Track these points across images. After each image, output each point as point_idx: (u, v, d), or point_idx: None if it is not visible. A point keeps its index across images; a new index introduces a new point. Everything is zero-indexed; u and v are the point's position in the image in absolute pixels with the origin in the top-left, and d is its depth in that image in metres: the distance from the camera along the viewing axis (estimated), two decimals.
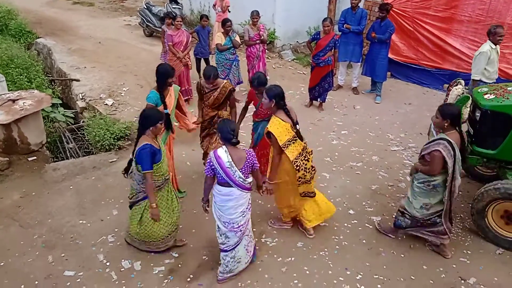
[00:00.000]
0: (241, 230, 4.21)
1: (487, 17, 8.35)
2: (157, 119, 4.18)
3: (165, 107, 4.91)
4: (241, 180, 4.03)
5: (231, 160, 3.97)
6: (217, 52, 8.16)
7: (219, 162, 3.98)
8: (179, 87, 5.56)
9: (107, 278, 4.38)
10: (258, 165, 4.23)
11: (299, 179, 4.64)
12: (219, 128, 4.12)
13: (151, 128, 4.18)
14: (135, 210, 4.48)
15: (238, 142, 4.06)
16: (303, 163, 4.61)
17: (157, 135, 4.35)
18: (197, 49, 9.05)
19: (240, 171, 4.01)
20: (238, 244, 4.25)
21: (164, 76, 4.93)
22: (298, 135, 4.64)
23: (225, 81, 5.60)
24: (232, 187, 4.04)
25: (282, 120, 4.52)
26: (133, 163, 4.29)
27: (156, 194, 4.31)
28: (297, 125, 4.65)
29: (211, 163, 4.01)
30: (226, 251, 4.26)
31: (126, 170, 4.55)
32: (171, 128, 5.08)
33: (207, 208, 4.34)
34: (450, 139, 4.26)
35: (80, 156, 7.22)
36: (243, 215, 4.18)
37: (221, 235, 4.24)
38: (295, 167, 4.56)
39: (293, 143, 4.56)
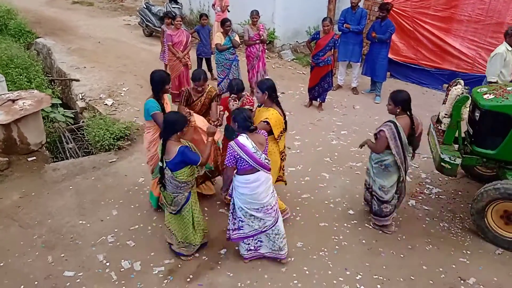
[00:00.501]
0: (274, 210, 4.34)
1: (486, 17, 8.35)
2: (183, 124, 4.16)
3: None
4: (267, 162, 4.19)
5: (254, 145, 4.10)
6: (216, 52, 8.16)
7: (245, 149, 4.05)
8: (170, 95, 5.59)
9: (107, 279, 4.39)
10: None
11: (282, 168, 5.12)
12: (234, 118, 4.17)
13: (178, 133, 4.13)
14: (184, 217, 4.39)
15: (256, 129, 4.22)
16: (285, 153, 5.08)
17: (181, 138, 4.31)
18: (199, 48, 9.04)
19: (264, 153, 4.21)
20: (276, 222, 4.39)
21: (160, 83, 4.78)
22: (285, 128, 4.91)
23: (208, 85, 5.37)
24: (259, 171, 4.14)
25: (279, 113, 4.71)
26: (167, 172, 4.18)
27: (192, 194, 4.41)
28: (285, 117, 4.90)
29: (234, 153, 4.05)
30: (265, 231, 4.36)
31: (162, 183, 4.28)
32: None
33: (227, 197, 4.60)
34: (397, 123, 4.55)
35: (79, 156, 7.21)
36: (273, 195, 4.34)
37: (253, 221, 4.30)
38: (281, 157, 4.94)
39: (282, 135, 4.81)
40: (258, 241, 4.49)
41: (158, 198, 5.14)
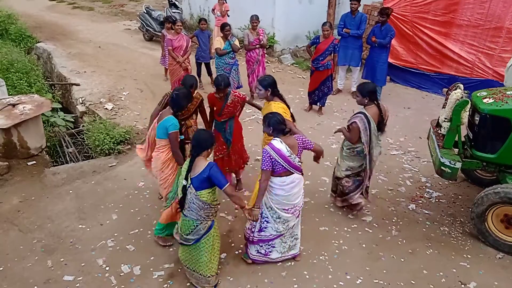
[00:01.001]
0: (299, 211, 4.47)
1: (486, 21, 8.38)
2: (212, 142, 4.04)
3: (181, 133, 4.68)
4: (300, 164, 4.25)
5: (289, 148, 4.13)
6: (216, 57, 8.18)
7: (280, 154, 4.09)
8: None
9: (106, 283, 4.37)
10: (311, 143, 4.39)
11: None
12: (268, 122, 4.20)
13: (208, 150, 4.00)
14: (205, 245, 4.10)
15: (289, 131, 4.29)
16: None
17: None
18: (198, 53, 9.07)
19: (297, 156, 4.25)
20: (297, 223, 4.54)
21: (185, 101, 4.59)
22: (292, 118, 5.00)
23: (195, 91, 5.30)
24: (293, 173, 4.22)
25: (279, 102, 4.94)
26: (190, 191, 3.91)
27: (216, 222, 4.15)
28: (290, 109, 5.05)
29: (270, 157, 4.06)
30: (283, 234, 4.45)
31: (182, 204, 4.02)
32: (185, 154, 4.76)
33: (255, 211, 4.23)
34: (367, 113, 4.89)
35: (79, 160, 7.21)
36: (303, 196, 4.47)
37: (279, 222, 4.34)
38: None
39: None
40: (271, 246, 4.50)
41: (164, 226, 4.77)
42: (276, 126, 4.17)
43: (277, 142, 4.13)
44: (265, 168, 4.08)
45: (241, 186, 5.96)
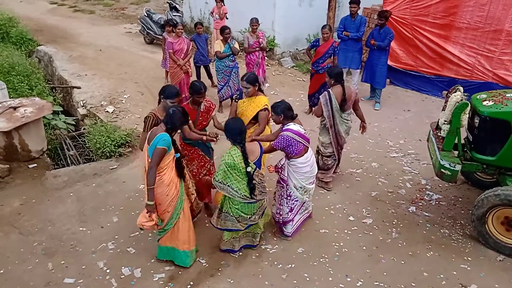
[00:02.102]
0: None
1: (485, 24, 8.39)
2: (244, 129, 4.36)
3: (176, 151, 4.31)
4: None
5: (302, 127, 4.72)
6: (216, 60, 8.20)
7: (299, 134, 4.59)
8: None
9: (107, 285, 4.38)
10: None
11: None
12: (279, 110, 4.65)
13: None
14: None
15: (297, 116, 4.80)
16: None
17: None
18: (196, 56, 9.10)
19: None
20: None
21: (180, 121, 4.24)
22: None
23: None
24: (308, 147, 4.74)
25: (264, 96, 5.42)
26: (256, 173, 4.30)
27: None
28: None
29: (292, 140, 4.53)
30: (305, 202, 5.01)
31: (254, 190, 4.28)
32: (183, 174, 4.47)
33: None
34: (331, 92, 5.60)
35: (80, 163, 7.22)
36: None
37: (307, 195, 4.90)
38: None
39: None
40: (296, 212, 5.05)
41: (167, 248, 4.58)
42: (286, 112, 4.65)
43: (293, 125, 4.63)
44: (276, 147, 4.62)
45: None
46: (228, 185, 4.29)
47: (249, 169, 4.18)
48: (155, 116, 4.54)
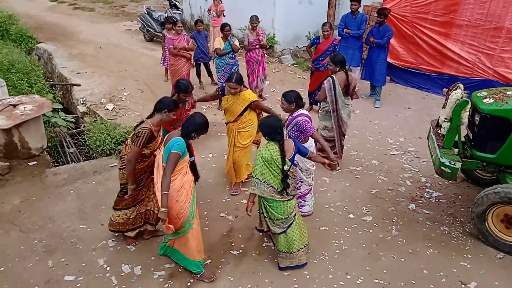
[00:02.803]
0: None
1: (486, 21, 8.38)
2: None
3: (191, 155, 4.26)
4: None
5: None
6: (216, 57, 8.20)
7: (310, 118, 5.01)
8: None
9: (107, 283, 4.38)
10: None
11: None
12: (292, 99, 4.98)
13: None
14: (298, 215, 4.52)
15: (305, 104, 5.19)
16: None
17: None
18: (197, 54, 9.09)
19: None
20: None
21: (201, 128, 4.16)
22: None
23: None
24: None
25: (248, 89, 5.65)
26: (291, 170, 4.23)
27: None
28: None
29: (309, 124, 4.93)
30: (311, 188, 5.29)
31: (288, 186, 4.21)
32: (197, 176, 4.47)
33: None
34: (335, 78, 5.97)
35: (80, 160, 7.22)
36: None
37: (309, 178, 5.17)
38: None
39: None
40: (304, 201, 5.31)
41: (176, 250, 4.52)
42: (298, 100, 5.00)
43: (304, 111, 5.03)
44: (312, 131, 4.95)
45: None
46: (265, 182, 4.18)
47: (285, 167, 4.14)
48: (150, 130, 4.27)
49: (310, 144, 5.09)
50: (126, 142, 4.55)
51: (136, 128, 4.38)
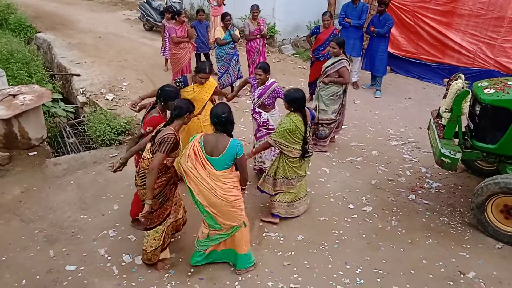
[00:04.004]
0: None
1: (487, 11, 8.32)
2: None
3: None
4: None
5: None
6: (216, 47, 8.15)
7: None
8: None
9: (108, 273, 4.41)
10: None
11: None
12: (269, 68, 5.38)
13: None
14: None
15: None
16: None
17: None
18: (197, 44, 9.02)
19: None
20: None
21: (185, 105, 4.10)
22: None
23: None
24: None
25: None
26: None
27: None
28: None
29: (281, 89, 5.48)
30: None
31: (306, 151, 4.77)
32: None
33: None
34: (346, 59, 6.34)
35: (80, 151, 7.23)
36: None
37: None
38: None
39: None
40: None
41: (224, 251, 4.42)
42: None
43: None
44: (281, 95, 5.23)
45: None
46: (286, 144, 4.68)
47: (308, 133, 4.70)
48: (176, 139, 3.97)
49: (276, 111, 5.59)
50: (143, 157, 4.14)
51: (155, 137, 3.98)
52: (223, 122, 3.95)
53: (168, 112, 4.48)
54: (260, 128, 5.64)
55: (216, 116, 3.95)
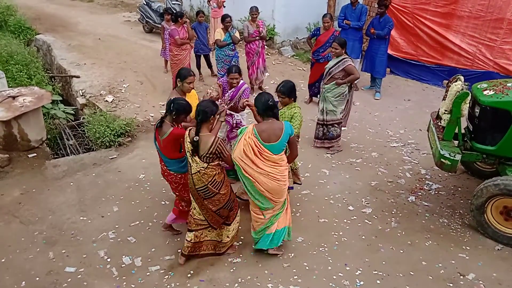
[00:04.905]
0: None
1: (487, 13, 8.33)
2: None
3: None
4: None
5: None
6: (216, 48, 8.16)
7: None
8: None
9: (107, 274, 4.41)
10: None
11: None
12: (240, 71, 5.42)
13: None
14: None
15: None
16: None
17: None
18: (197, 46, 9.04)
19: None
20: None
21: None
22: None
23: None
24: None
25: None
26: None
27: None
28: None
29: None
30: None
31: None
32: None
33: None
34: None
35: (80, 152, 7.22)
36: None
37: None
38: None
39: None
40: None
41: (283, 230, 4.54)
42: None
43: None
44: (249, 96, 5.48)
45: None
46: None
47: None
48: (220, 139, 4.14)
49: (244, 112, 5.68)
50: (202, 172, 4.06)
51: (209, 149, 3.99)
52: (271, 107, 4.20)
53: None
54: (233, 130, 5.63)
55: (264, 104, 4.20)
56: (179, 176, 4.49)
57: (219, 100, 5.42)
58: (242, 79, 5.58)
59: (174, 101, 4.34)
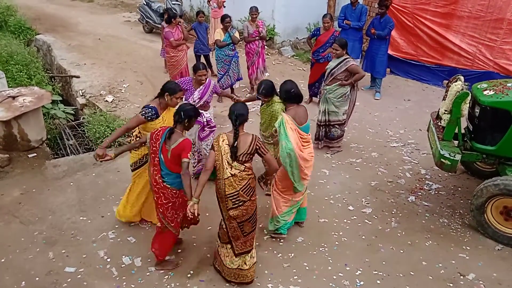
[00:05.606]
0: None
1: (487, 13, 8.33)
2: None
3: None
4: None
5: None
6: (216, 48, 8.16)
7: None
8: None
9: (107, 274, 4.41)
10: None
11: None
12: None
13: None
14: None
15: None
16: None
17: None
18: (197, 46, 9.04)
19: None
20: None
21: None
22: None
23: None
24: None
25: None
26: None
27: None
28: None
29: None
30: None
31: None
32: None
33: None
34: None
35: (80, 152, 7.22)
36: None
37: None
38: None
39: None
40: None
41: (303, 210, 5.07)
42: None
43: None
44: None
45: None
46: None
47: None
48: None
49: (211, 109, 5.72)
50: (237, 176, 3.92)
51: (249, 147, 3.91)
52: (296, 94, 4.60)
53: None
54: (205, 128, 5.57)
55: (288, 91, 4.60)
56: (174, 191, 4.11)
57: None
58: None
59: (183, 110, 4.08)
